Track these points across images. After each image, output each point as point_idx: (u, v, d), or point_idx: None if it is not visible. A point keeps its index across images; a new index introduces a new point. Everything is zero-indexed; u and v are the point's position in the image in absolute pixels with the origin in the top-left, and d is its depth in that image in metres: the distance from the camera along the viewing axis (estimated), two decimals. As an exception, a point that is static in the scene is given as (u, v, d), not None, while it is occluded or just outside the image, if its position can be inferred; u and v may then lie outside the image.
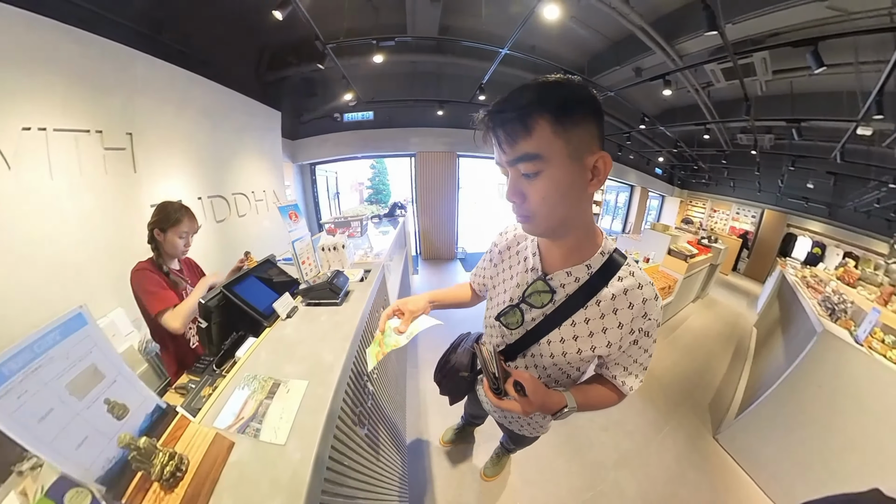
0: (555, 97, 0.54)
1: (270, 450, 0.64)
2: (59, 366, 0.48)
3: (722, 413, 2.66)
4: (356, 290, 1.33)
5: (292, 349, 0.93)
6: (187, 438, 0.64)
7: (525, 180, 0.59)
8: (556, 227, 0.66)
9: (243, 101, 3.47)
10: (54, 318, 0.48)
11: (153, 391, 0.64)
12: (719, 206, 9.81)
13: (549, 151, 0.55)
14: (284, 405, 0.73)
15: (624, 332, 0.72)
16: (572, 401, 0.75)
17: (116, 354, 0.56)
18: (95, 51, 1.95)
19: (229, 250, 2.94)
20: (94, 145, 1.94)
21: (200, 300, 1.05)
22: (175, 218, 1.43)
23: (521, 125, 0.54)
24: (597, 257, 0.72)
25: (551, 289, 0.75)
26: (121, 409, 0.56)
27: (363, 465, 0.96)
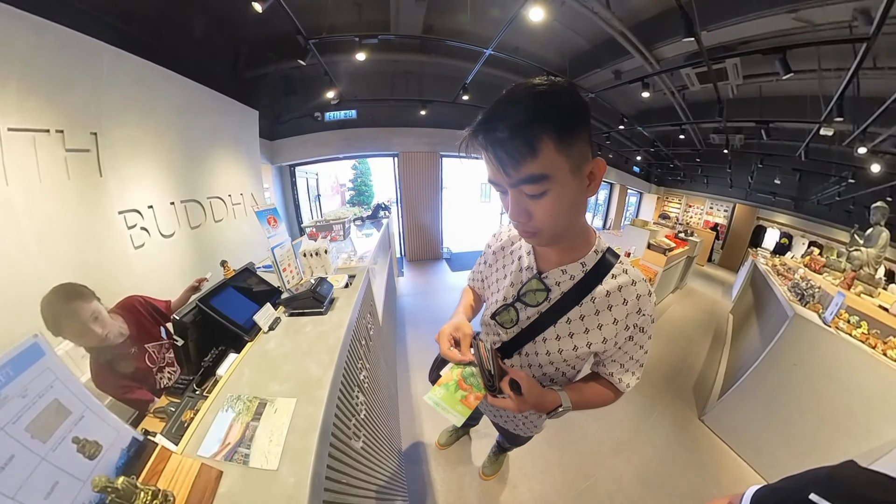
0: (556, 112, 0.51)
1: (262, 476, 0.61)
2: (15, 406, 0.42)
3: (706, 395, 2.80)
4: (341, 297, 1.29)
5: (277, 365, 0.89)
6: (171, 471, 0.59)
7: (529, 199, 0.57)
8: (560, 236, 0.66)
9: (218, 99, 3.31)
10: (4, 352, 0.42)
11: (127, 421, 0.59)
12: (694, 202, 10.23)
13: (554, 170, 0.53)
14: (273, 427, 0.69)
15: (619, 328, 0.72)
16: (567, 400, 0.75)
17: (81, 387, 0.50)
18: (55, 41, 1.77)
19: (206, 258, 2.81)
20: (55, 147, 1.78)
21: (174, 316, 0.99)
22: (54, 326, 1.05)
23: (525, 146, 0.51)
24: (591, 255, 0.73)
25: (546, 287, 0.76)
26: (92, 447, 0.51)
27: (361, 478, 0.93)
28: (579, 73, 5.08)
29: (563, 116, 0.51)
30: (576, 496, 1.87)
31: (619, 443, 2.25)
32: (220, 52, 3.74)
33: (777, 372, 2.15)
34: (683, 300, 5.23)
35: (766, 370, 2.21)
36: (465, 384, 0.75)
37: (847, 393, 1.81)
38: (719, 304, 5.29)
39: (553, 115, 0.51)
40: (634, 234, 4.53)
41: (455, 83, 4.65)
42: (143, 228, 2.27)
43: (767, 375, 2.20)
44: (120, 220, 2.11)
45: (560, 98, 0.52)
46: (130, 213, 2.18)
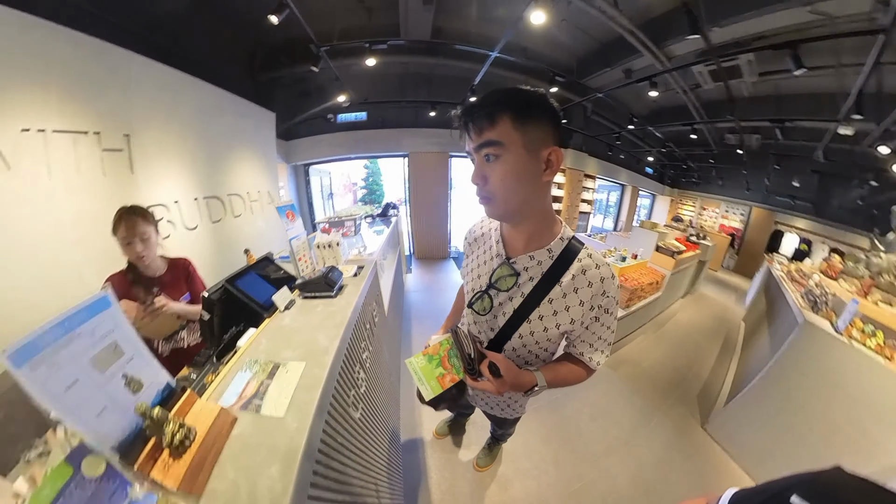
0: (516, 100, 0.67)
1: (270, 422, 0.70)
2: (85, 341, 0.53)
3: (710, 404, 2.72)
4: (350, 285, 1.39)
5: (290, 336, 1.00)
6: (195, 413, 0.69)
7: (487, 165, 0.70)
8: (514, 210, 0.74)
9: (237, 102, 3.49)
10: (84, 299, 0.53)
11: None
12: (709, 205, 9.98)
13: (508, 140, 0.66)
14: (283, 384, 0.79)
15: (585, 309, 0.79)
16: (542, 379, 0.82)
17: (135, 335, 0.61)
18: (90, 51, 1.96)
19: (225, 250, 2.98)
20: (92, 146, 1.96)
21: (204, 293, 1.11)
22: (113, 224, 1.34)
23: (487, 118, 0.66)
24: (556, 242, 0.79)
25: (515, 272, 0.82)
26: (136, 385, 0.61)
27: (357, 446, 1.03)
28: (588, 73, 5.07)
29: (521, 103, 0.67)
30: (569, 495, 1.87)
31: (616, 444, 2.22)
32: (239, 57, 3.95)
33: (785, 380, 2.08)
34: (693, 305, 5.12)
35: (773, 378, 2.14)
36: (447, 363, 0.82)
37: (857, 405, 1.73)
38: (731, 311, 5.14)
39: (514, 101, 0.67)
40: (643, 236, 4.49)
41: (464, 84, 4.74)
42: (170, 221, 2.46)
43: (774, 384, 2.13)
44: (148, 213, 2.28)
45: (524, 93, 0.68)
46: (158, 206, 2.37)
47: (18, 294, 1.58)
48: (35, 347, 0.47)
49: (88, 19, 2.04)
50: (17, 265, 1.60)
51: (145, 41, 2.44)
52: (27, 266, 1.63)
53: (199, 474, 0.59)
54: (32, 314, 1.58)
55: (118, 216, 1.34)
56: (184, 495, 0.56)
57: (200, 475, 0.60)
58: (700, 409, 2.66)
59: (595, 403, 2.57)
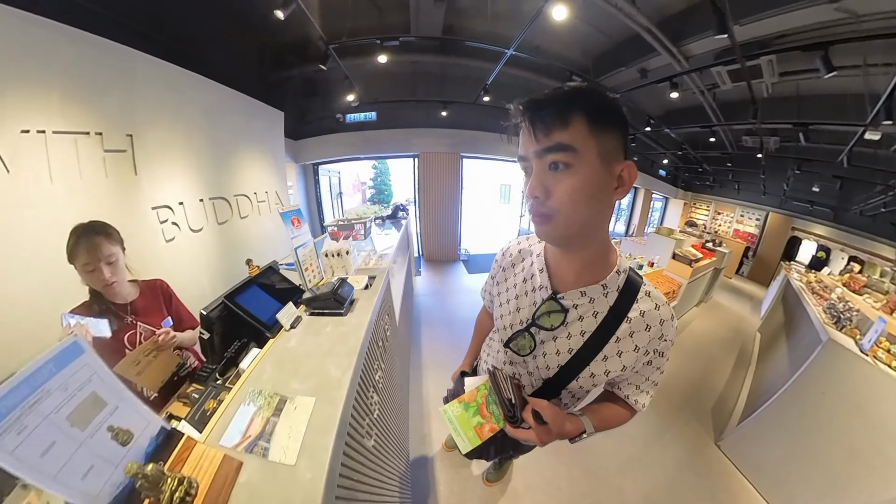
0: (593, 100, 0.56)
1: (280, 470, 0.63)
2: (57, 398, 0.46)
3: (724, 419, 2.66)
4: (361, 299, 1.30)
5: (298, 363, 0.91)
6: (195, 459, 0.62)
7: (552, 175, 0.57)
8: (575, 233, 0.62)
9: (245, 101, 3.43)
10: (48, 350, 0.46)
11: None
12: (723, 209, 9.76)
13: (582, 146, 0.55)
14: (292, 423, 0.71)
15: (639, 355, 0.70)
16: (590, 426, 0.74)
17: (116, 380, 0.54)
18: (93, 50, 1.90)
19: (231, 252, 2.92)
20: (94, 147, 1.90)
21: (202, 311, 1.03)
22: (69, 249, 1.13)
23: (559, 117, 0.55)
24: (612, 276, 0.68)
25: (563, 308, 0.71)
26: (125, 435, 0.54)
27: (370, 475, 0.95)
28: (603, 72, 4.94)
29: (597, 105, 0.56)
30: (578, 513, 1.81)
31: (628, 461, 2.18)
32: (247, 56, 3.88)
33: (804, 400, 2.01)
34: (708, 314, 5.00)
35: (792, 397, 2.07)
36: (485, 411, 0.73)
37: (880, 430, 1.65)
38: (746, 321, 5.02)
39: (588, 100, 0.56)
40: (659, 242, 4.37)
41: (476, 84, 4.64)
42: (174, 223, 2.39)
43: (793, 403, 2.06)
44: (153, 215, 2.23)
45: (599, 95, 0.57)
46: (162, 208, 2.30)
47: (20, 299, 1.53)
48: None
49: (93, 18, 1.98)
50: (19, 270, 1.54)
51: (152, 40, 2.37)
52: (28, 271, 1.57)
53: (203, 537, 0.52)
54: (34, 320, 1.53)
55: (74, 238, 1.12)
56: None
57: (205, 538, 0.52)
58: (714, 425, 2.60)
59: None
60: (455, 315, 4.09)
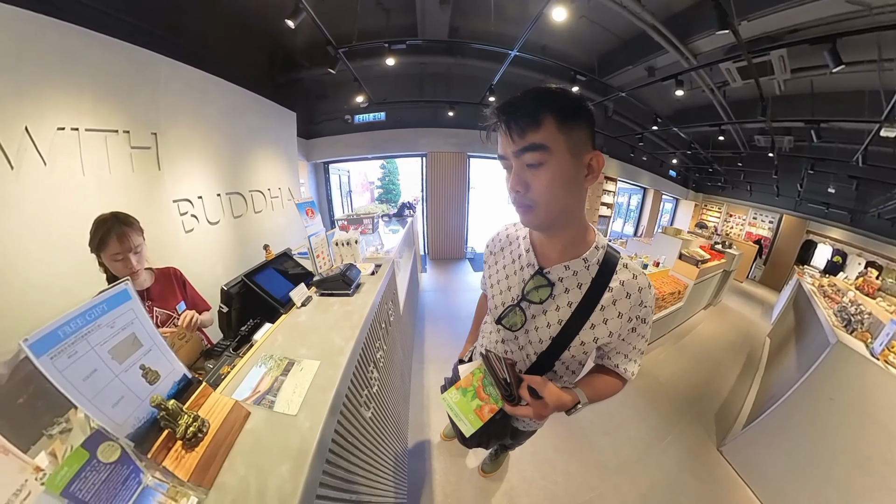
0: (560, 100, 0.62)
1: (283, 419, 0.70)
2: (105, 332, 0.54)
3: (728, 424, 2.60)
4: (367, 283, 1.39)
5: (306, 334, 1.00)
6: (209, 406, 0.70)
7: (529, 171, 0.64)
8: (555, 218, 0.69)
9: (259, 102, 3.58)
10: (104, 292, 0.54)
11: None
12: (735, 211, 9.58)
13: (554, 144, 0.61)
14: (297, 381, 0.79)
15: (623, 321, 0.76)
16: (583, 396, 0.79)
17: (153, 327, 0.62)
18: (121, 55, 2.05)
19: (246, 245, 3.06)
20: (122, 144, 2.04)
21: (223, 286, 1.12)
22: (99, 239, 1.17)
23: (531, 119, 0.61)
24: (591, 251, 0.75)
25: (550, 282, 0.77)
26: (153, 376, 0.63)
27: (366, 445, 1.02)
28: (609, 71, 4.94)
29: (565, 104, 0.62)
30: (574, 509, 1.79)
31: (627, 461, 2.15)
32: (260, 59, 4.07)
33: (811, 405, 1.93)
34: (716, 318, 4.90)
35: (798, 402, 2.00)
36: (483, 393, 0.77)
37: (892, 439, 1.58)
38: (756, 326, 4.89)
39: (556, 101, 0.62)
40: (666, 242, 4.34)
41: (482, 84, 4.70)
42: (193, 216, 2.54)
43: (799, 408, 1.99)
44: (174, 207, 2.38)
45: (565, 94, 0.63)
46: (183, 202, 2.45)
47: (54, 281, 1.65)
48: (56, 337, 0.48)
49: (122, 26, 2.15)
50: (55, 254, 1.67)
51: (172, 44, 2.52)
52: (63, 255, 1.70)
53: (209, 467, 0.60)
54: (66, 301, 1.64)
55: (105, 229, 1.16)
56: (194, 486, 0.57)
57: (211, 468, 0.60)
58: (717, 430, 2.54)
59: (610, 417, 2.50)
60: (459, 312, 4.14)
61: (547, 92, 0.63)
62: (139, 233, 1.26)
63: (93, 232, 1.18)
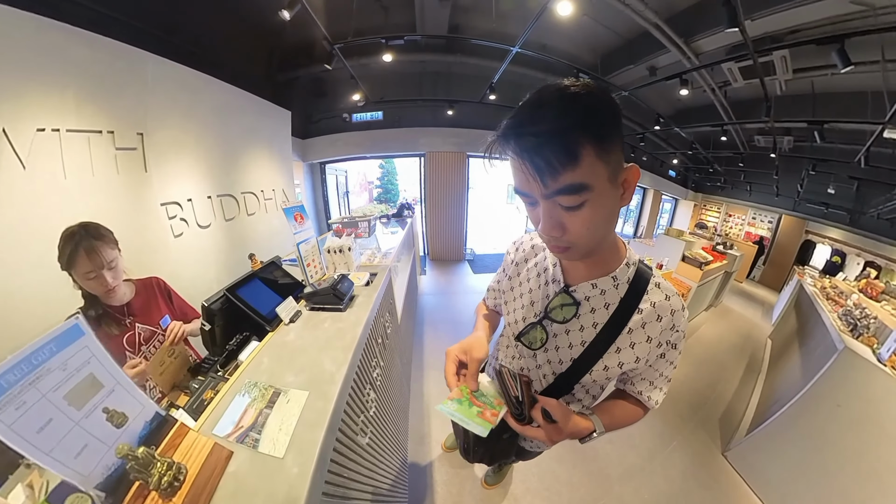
0: (594, 115, 0.48)
1: (268, 462, 0.64)
2: (56, 377, 0.48)
3: (732, 429, 2.59)
4: (361, 296, 1.32)
5: (293, 357, 0.93)
6: (186, 446, 0.63)
7: (565, 212, 0.53)
8: (593, 250, 0.61)
9: (253, 101, 3.48)
10: (50, 330, 0.47)
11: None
12: (734, 211, 9.58)
13: (594, 179, 0.49)
14: (284, 416, 0.72)
15: (652, 346, 0.69)
16: (600, 425, 0.72)
17: (114, 364, 0.55)
18: (106, 52, 1.95)
19: (238, 248, 2.97)
20: (106, 145, 1.95)
21: (203, 303, 1.05)
22: (67, 256, 1.03)
23: (564, 153, 0.47)
24: (622, 269, 0.68)
25: (575, 301, 0.71)
26: (120, 418, 0.56)
27: (363, 474, 0.95)
28: (611, 70, 4.89)
29: (602, 120, 0.48)
30: (580, 521, 1.78)
31: (632, 469, 2.12)
32: (255, 57, 3.94)
33: (817, 412, 1.91)
34: (717, 320, 4.89)
35: (804, 408, 1.98)
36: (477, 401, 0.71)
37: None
38: (757, 327, 4.89)
39: (592, 119, 0.48)
40: (668, 244, 4.30)
41: (482, 82, 4.63)
42: (183, 219, 2.44)
43: (806, 414, 1.97)
44: (162, 211, 2.28)
45: (597, 101, 0.48)
46: (171, 205, 2.35)
47: (35, 290, 1.57)
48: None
49: (106, 22, 2.04)
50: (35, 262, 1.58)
51: (163, 42, 2.43)
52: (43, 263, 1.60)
53: (187, 521, 0.53)
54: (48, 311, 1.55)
55: (72, 245, 1.02)
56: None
57: (190, 522, 0.54)
58: (721, 435, 2.53)
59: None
60: (459, 315, 4.09)
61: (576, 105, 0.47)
62: (112, 245, 1.13)
63: (60, 247, 1.04)
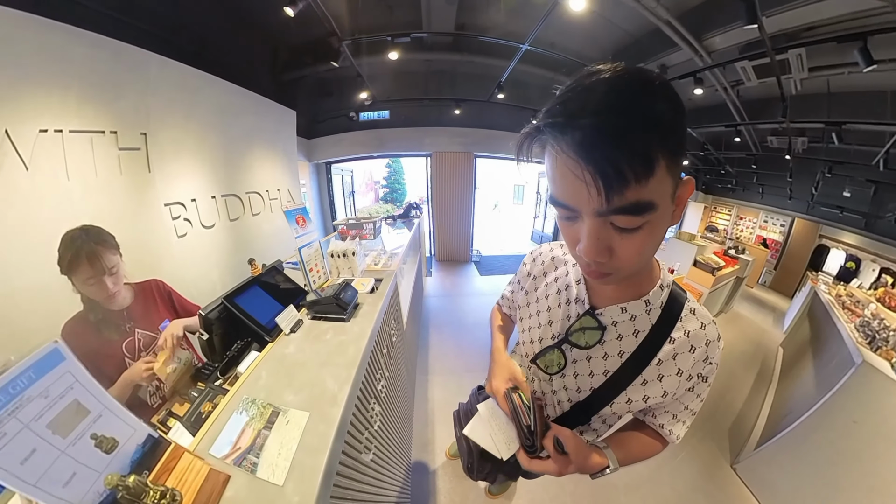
0: (674, 118, 0.38)
1: (267, 490, 0.60)
2: (38, 405, 0.45)
3: (742, 440, 2.52)
4: (365, 304, 1.27)
5: (293, 372, 0.89)
6: (181, 470, 0.60)
7: (617, 234, 0.43)
8: (632, 276, 0.55)
9: (258, 101, 3.47)
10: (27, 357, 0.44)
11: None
12: (746, 214, 9.39)
13: (660, 198, 0.40)
14: (283, 439, 0.68)
15: (682, 380, 0.62)
16: (614, 460, 0.66)
17: (100, 388, 0.52)
18: (109, 53, 1.95)
19: (243, 249, 2.95)
20: (109, 146, 1.94)
21: (200, 311, 1.01)
22: (68, 261, 1.01)
23: (642, 162, 0.37)
24: (655, 291, 0.61)
25: (601, 325, 0.63)
26: (109, 443, 0.53)
27: (366, 491, 0.92)
28: (621, 70, 4.82)
29: (679, 125, 0.39)
30: (585, 532, 1.73)
31: (638, 480, 2.08)
32: (260, 56, 3.93)
33: (832, 426, 1.85)
34: (728, 326, 4.78)
35: (818, 422, 1.92)
36: None
37: None
38: (768, 334, 4.77)
39: (670, 122, 0.38)
40: (679, 248, 4.19)
41: (488, 82, 4.58)
42: (186, 220, 2.43)
43: (820, 429, 1.91)
44: (165, 211, 2.27)
45: (676, 99, 0.38)
46: (175, 205, 2.34)
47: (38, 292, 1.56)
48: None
49: (108, 23, 2.03)
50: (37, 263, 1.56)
51: (166, 42, 2.41)
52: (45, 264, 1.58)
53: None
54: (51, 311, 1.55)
55: (73, 249, 1.00)
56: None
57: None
58: (731, 445, 2.46)
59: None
60: (465, 318, 4.04)
61: (657, 101, 0.37)
62: (114, 250, 1.10)
63: (61, 251, 1.02)
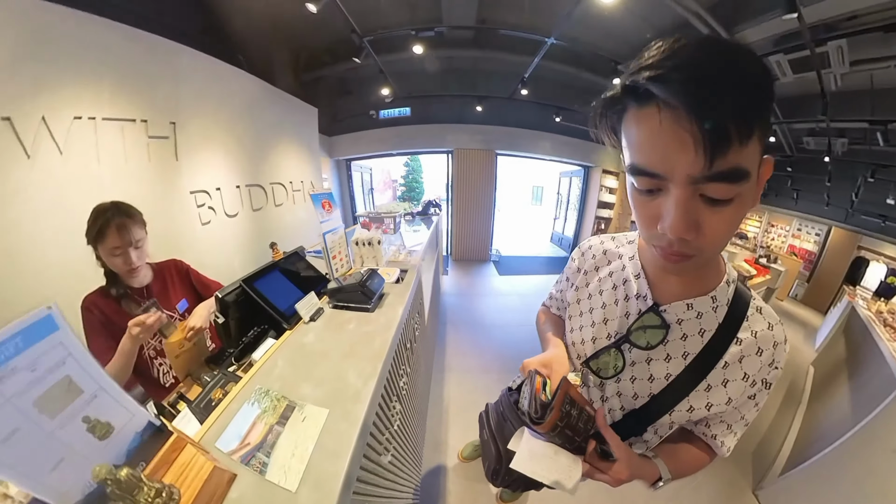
0: (764, 82, 0.36)
1: (278, 495, 0.53)
2: (23, 378, 0.39)
3: (767, 464, 2.33)
4: (391, 294, 1.19)
5: (312, 364, 0.81)
6: (182, 464, 0.53)
7: (708, 208, 0.39)
8: (702, 265, 0.50)
9: (282, 97, 3.53)
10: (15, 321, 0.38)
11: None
12: (778, 221, 8.85)
13: (753, 168, 0.38)
14: (298, 438, 0.61)
15: (746, 385, 0.56)
16: (666, 471, 0.60)
17: (97, 365, 0.46)
18: (143, 46, 2.01)
19: (265, 238, 2.96)
20: (139, 134, 1.99)
21: (218, 293, 0.96)
22: (97, 230, 1.04)
23: (746, 122, 0.35)
24: (722, 287, 0.55)
25: (665, 323, 0.57)
26: (103, 429, 0.47)
27: (380, 495, 0.84)
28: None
29: (770, 95, 0.38)
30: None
31: (656, 500, 1.95)
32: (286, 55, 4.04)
33: (870, 456, 1.66)
34: (755, 340, 4.52)
35: (853, 450, 1.73)
36: None
37: None
38: (799, 352, 4.45)
39: (766, 89, 0.37)
40: (710, 255, 3.97)
41: (511, 78, 4.50)
42: (211, 208, 2.47)
43: (855, 458, 1.72)
44: (191, 199, 2.31)
45: (767, 67, 0.37)
46: (200, 193, 2.38)
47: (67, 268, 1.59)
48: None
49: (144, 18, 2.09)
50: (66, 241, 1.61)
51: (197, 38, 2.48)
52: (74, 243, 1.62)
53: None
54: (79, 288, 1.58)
55: (104, 219, 1.03)
56: None
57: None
58: (753, 469, 2.28)
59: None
60: (482, 318, 3.95)
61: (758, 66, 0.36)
62: (141, 225, 1.13)
63: (90, 222, 1.05)
